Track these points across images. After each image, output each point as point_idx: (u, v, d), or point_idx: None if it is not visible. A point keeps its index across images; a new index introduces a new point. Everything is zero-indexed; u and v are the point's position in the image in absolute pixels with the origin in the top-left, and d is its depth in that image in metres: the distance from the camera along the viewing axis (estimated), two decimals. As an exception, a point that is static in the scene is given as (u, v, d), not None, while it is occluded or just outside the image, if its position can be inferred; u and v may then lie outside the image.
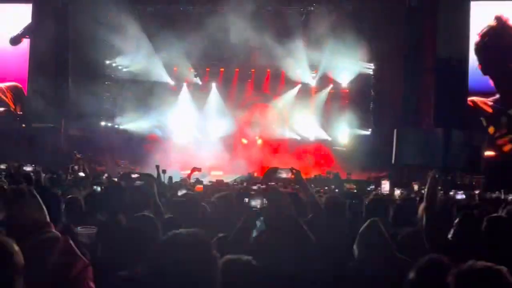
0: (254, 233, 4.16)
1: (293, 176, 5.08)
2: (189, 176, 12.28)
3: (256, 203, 4.02)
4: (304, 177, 5.35)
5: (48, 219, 1.98)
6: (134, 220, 3.63)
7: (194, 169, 12.36)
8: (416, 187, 13.06)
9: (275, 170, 5.28)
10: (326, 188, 12.69)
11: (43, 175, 9.11)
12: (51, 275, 1.82)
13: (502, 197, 10.81)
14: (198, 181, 11.88)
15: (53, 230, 1.95)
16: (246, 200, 4.16)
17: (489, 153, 18.63)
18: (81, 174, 13.52)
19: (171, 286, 1.98)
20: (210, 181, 14.04)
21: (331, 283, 3.61)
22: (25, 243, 1.86)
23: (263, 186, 5.48)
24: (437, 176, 4.12)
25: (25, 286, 1.82)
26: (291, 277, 3.18)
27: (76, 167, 19.05)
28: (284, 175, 5.33)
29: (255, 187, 6.24)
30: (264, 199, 3.93)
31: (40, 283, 1.83)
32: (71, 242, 1.93)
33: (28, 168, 9.88)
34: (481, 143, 17.41)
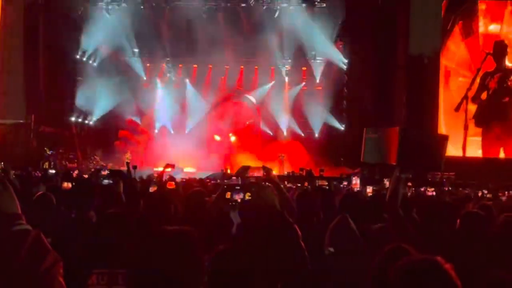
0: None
1: (264, 174, 5.08)
2: (162, 173, 12.20)
3: (238, 197, 4.04)
4: (276, 174, 5.36)
5: (19, 211, 1.95)
6: (104, 217, 3.59)
7: (167, 166, 12.27)
8: (388, 183, 13.20)
9: (247, 168, 5.28)
10: (299, 185, 12.73)
11: (12, 172, 8.96)
12: (21, 268, 1.79)
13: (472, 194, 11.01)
14: (171, 178, 11.80)
15: (25, 223, 1.92)
16: (229, 194, 4.17)
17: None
18: (52, 171, 13.38)
19: (155, 283, 1.98)
20: (183, 178, 13.97)
21: (306, 276, 3.62)
22: None
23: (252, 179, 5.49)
24: (400, 174, 4.15)
25: None
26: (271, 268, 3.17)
27: (46, 163, 18.87)
28: (255, 173, 5.34)
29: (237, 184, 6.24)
30: (247, 193, 3.94)
31: (10, 275, 1.80)
32: (42, 235, 1.90)
33: (-4, 165, 9.73)
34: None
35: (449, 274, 2.05)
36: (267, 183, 4.25)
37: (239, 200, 5.56)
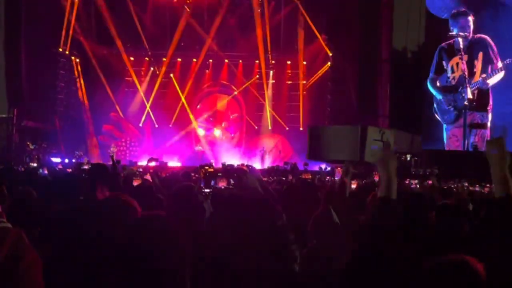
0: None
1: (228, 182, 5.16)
2: (146, 167, 12.17)
3: (222, 184, 4.07)
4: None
5: (0, 209, 1.94)
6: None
7: (151, 160, 12.24)
8: (377, 177, 13.30)
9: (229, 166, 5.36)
10: (284, 178, 12.78)
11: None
12: (1, 266, 1.77)
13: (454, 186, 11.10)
14: (154, 172, 11.75)
15: (5, 220, 1.90)
16: (213, 182, 4.20)
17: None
18: (34, 164, 13.30)
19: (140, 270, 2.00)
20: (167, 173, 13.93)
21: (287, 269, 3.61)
22: None
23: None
24: (348, 168, 4.22)
25: None
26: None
27: (28, 158, 18.71)
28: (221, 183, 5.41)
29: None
30: (231, 180, 3.97)
31: None
32: (22, 234, 1.88)
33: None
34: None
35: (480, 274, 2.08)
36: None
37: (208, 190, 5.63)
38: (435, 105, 19.19)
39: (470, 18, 17.77)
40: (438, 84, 18.96)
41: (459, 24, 17.64)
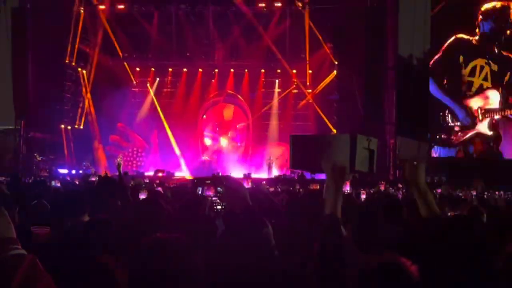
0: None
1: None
2: (153, 178, 12.21)
3: (210, 192, 4.05)
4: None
5: (15, 235, 1.94)
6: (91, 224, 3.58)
7: (157, 171, 12.30)
8: (383, 186, 13.30)
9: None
10: (291, 188, 12.76)
11: (2, 178, 8.92)
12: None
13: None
14: (161, 184, 11.79)
15: (20, 247, 1.90)
16: (200, 190, 4.18)
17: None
18: (44, 175, 13.37)
19: None
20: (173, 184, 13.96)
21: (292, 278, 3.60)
22: None
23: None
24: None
25: None
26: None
27: (36, 169, 18.77)
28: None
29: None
30: (219, 188, 3.95)
31: None
32: (37, 260, 1.88)
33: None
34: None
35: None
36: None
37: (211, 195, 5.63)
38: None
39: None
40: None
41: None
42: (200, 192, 6.16)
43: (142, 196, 7.17)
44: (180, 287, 2.04)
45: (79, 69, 24.90)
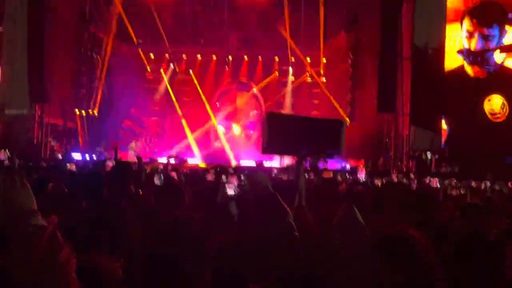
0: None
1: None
2: (166, 164, 12.25)
3: (233, 180, 4.07)
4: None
5: (36, 207, 1.99)
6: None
7: (170, 157, 12.35)
8: (395, 176, 13.29)
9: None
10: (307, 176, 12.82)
11: (17, 161, 9.01)
12: (37, 264, 1.83)
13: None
14: (175, 169, 11.84)
15: (41, 218, 1.95)
16: (224, 178, 4.22)
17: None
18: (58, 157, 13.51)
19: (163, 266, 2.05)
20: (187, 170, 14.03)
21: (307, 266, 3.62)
22: (14, 230, 1.90)
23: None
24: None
25: (12, 274, 1.86)
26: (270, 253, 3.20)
27: (51, 154, 18.92)
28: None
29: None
30: (242, 177, 3.97)
31: (27, 271, 1.85)
32: (57, 230, 1.94)
33: (2, 155, 9.77)
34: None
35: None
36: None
37: (235, 184, 5.66)
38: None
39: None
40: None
41: None
42: (225, 180, 6.22)
43: (157, 181, 7.24)
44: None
45: (94, 55, 24.96)
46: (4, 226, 1.90)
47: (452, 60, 22.16)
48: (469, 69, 21.93)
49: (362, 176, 9.85)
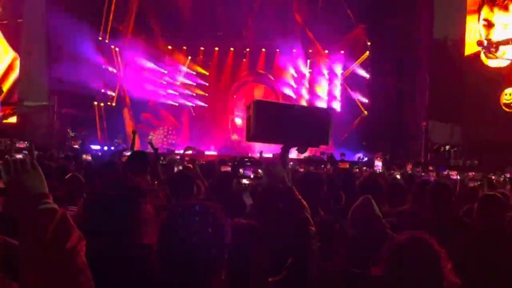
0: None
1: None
2: (183, 155, 12.26)
3: (249, 173, 4.05)
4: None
5: (47, 190, 1.99)
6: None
7: (187, 148, 12.36)
8: (410, 167, 13.19)
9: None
10: (323, 166, 12.84)
11: (35, 152, 9.07)
12: (47, 246, 1.83)
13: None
14: (191, 161, 11.84)
15: (51, 202, 1.96)
16: (241, 171, 4.20)
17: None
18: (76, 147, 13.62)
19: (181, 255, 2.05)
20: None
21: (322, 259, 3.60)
22: (24, 212, 1.91)
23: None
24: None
25: (21, 257, 1.86)
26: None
27: (69, 145, 19.06)
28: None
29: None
30: (259, 170, 3.94)
31: (36, 253, 1.86)
32: (67, 214, 1.94)
33: (21, 145, 9.86)
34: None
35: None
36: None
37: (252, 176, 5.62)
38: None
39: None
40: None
41: None
42: (242, 173, 6.21)
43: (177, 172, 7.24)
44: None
45: (112, 46, 25.07)
46: (15, 209, 1.91)
47: (471, 51, 21.88)
48: (487, 60, 21.63)
49: (379, 167, 9.79)
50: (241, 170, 6.52)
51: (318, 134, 3.77)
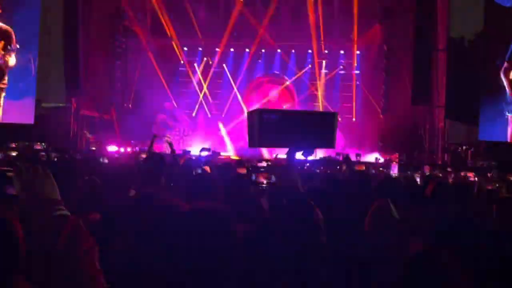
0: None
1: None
2: (199, 156, 12.31)
3: (263, 179, 4.05)
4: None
5: (59, 197, 2.00)
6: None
7: (203, 150, 12.41)
8: (428, 170, 13.08)
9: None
10: (338, 167, 12.75)
11: (53, 154, 9.16)
12: (60, 253, 1.84)
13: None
14: (207, 162, 11.89)
15: (64, 208, 1.97)
16: (254, 177, 4.20)
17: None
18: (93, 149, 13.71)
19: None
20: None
21: (341, 264, 3.59)
22: (37, 219, 1.90)
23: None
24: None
25: (33, 263, 1.87)
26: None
27: (86, 147, 19.19)
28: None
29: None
30: (272, 176, 3.95)
31: (49, 259, 1.87)
32: (80, 221, 1.95)
33: (38, 147, 9.95)
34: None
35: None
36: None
37: (265, 182, 5.63)
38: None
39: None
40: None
41: None
42: (254, 179, 6.21)
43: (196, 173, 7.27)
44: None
45: (128, 48, 25.21)
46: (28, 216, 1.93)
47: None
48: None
49: (395, 170, 9.73)
50: (253, 177, 6.51)
51: (323, 139, 3.77)
